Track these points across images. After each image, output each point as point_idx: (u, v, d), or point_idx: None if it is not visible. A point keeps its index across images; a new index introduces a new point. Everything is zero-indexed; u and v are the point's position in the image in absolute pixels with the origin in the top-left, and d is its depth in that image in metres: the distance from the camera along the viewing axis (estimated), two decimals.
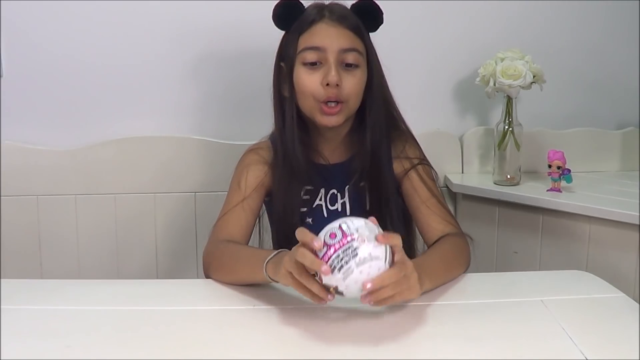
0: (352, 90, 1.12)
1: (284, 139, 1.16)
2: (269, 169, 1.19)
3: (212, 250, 1.10)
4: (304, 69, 1.12)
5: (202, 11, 1.63)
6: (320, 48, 1.11)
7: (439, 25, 1.72)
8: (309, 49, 1.11)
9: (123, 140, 1.64)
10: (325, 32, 1.12)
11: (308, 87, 1.12)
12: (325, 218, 1.17)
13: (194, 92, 1.67)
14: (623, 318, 0.90)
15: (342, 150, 1.21)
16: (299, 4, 1.16)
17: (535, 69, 1.58)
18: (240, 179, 1.19)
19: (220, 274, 1.05)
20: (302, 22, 1.14)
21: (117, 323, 0.89)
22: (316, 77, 1.11)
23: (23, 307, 0.93)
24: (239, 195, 1.17)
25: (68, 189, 1.63)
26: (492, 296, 0.98)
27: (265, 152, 1.21)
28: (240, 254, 1.06)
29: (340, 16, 1.13)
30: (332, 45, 1.10)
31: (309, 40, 1.12)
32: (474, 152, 1.76)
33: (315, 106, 1.12)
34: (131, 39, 1.63)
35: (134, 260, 1.68)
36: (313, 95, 1.11)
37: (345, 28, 1.12)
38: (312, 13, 1.14)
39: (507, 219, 1.60)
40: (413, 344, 0.83)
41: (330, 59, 1.10)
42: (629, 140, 1.80)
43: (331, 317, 0.90)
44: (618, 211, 1.39)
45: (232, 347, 0.81)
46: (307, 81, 1.12)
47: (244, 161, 1.23)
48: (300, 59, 1.13)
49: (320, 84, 1.10)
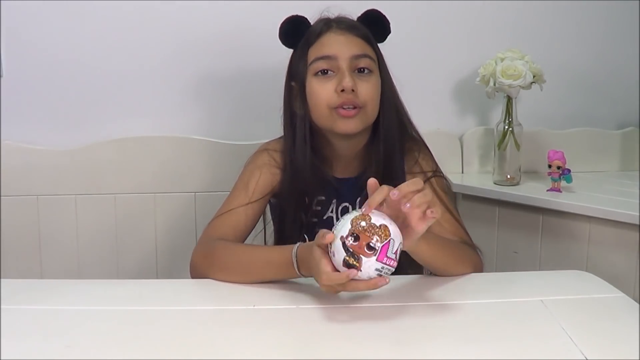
0: (368, 95, 1.10)
1: (295, 157, 1.13)
2: (280, 173, 1.17)
3: (210, 250, 1.07)
4: (316, 79, 1.11)
5: (203, 12, 1.63)
6: (331, 56, 1.09)
7: (439, 25, 1.72)
8: (319, 59, 1.10)
9: (123, 140, 1.64)
10: (335, 41, 1.11)
11: (322, 96, 1.09)
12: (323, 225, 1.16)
13: (195, 92, 1.67)
14: (623, 318, 0.90)
15: (356, 165, 1.19)
16: (305, 21, 1.15)
17: (535, 69, 1.58)
18: (250, 179, 1.16)
19: (225, 274, 1.02)
20: (310, 35, 1.13)
21: (117, 323, 0.88)
22: (330, 85, 1.09)
23: (23, 307, 0.93)
24: (244, 196, 1.14)
25: (68, 189, 1.63)
26: (492, 296, 0.98)
27: (278, 155, 1.18)
28: (254, 254, 1.03)
29: (349, 25, 1.13)
30: (343, 52, 1.09)
31: (319, 51, 1.11)
32: (474, 152, 1.76)
33: (331, 115, 1.10)
34: (132, 38, 1.63)
35: (134, 260, 1.68)
36: (328, 103, 1.09)
37: (354, 35, 1.11)
38: (319, 26, 1.13)
39: (507, 219, 1.60)
40: (413, 344, 0.83)
41: (342, 66, 1.09)
42: (629, 140, 1.80)
43: (331, 317, 0.90)
44: (618, 211, 1.39)
45: (232, 347, 0.81)
46: (320, 90, 1.10)
47: (256, 161, 1.19)
48: (311, 70, 1.11)
49: (334, 92, 1.08)
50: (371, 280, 0.84)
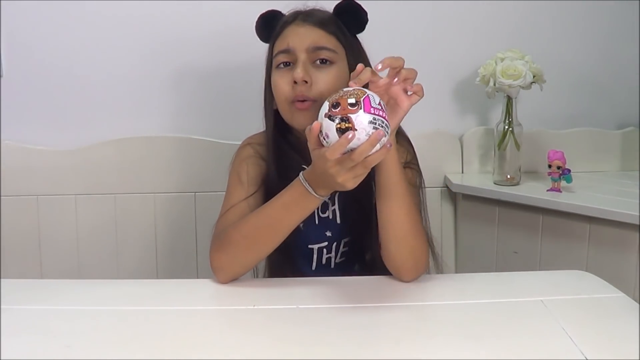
0: (324, 86, 1.07)
1: (272, 149, 1.13)
2: (265, 164, 1.16)
3: (225, 240, 1.04)
4: (277, 72, 1.10)
5: (203, 11, 1.63)
6: (289, 49, 1.08)
7: (439, 25, 1.72)
8: (280, 52, 1.09)
9: (123, 140, 1.64)
10: (294, 32, 1.10)
11: (280, 89, 1.09)
12: (315, 225, 1.15)
13: (194, 92, 1.67)
14: (623, 318, 0.90)
15: None
16: (279, 14, 1.15)
17: (535, 69, 1.58)
18: (241, 172, 1.16)
19: (250, 247, 1.01)
20: (276, 28, 1.13)
21: (117, 323, 0.89)
22: (287, 78, 1.08)
23: (23, 307, 0.93)
24: (241, 189, 1.13)
25: (68, 189, 1.63)
26: (492, 296, 0.98)
27: (261, 148, 1.18)
28: (266, 209, 1.01)
29: (312, 17, 1.11)
30: (300, 44, 1.08)
31: (280, 44, 1.10)
32: (474, 152, 1.76)
33: (290, 108, 1.09)
34: (132, 38, 1.63)
35: (134, 260, 1.68)
36: (285, 97, 1.08)
37: (314, 27, 1.10)
38: (285, 18, 1.13)
39: (507, 219, 1.60)
40: (413, 344, 0.83)
41: (300, 58, 1.07)
42: (629, 140, 1.80)
43: (331, 317, 0.90)
44: (618, 211, 1.39)
45: (232, 347, 0.81)
46: (279, 83, 1.09)
47: (240, 154, 1.19)
48: (274, 63, 1.11)
49: (288, 84, 1.08)
50: (372, 137, 0.82)
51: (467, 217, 1.69)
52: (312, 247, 1.16)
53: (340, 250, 1.17)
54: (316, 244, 1.16)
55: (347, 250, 1.18)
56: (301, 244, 1.15)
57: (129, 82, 1.65)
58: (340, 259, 1.18)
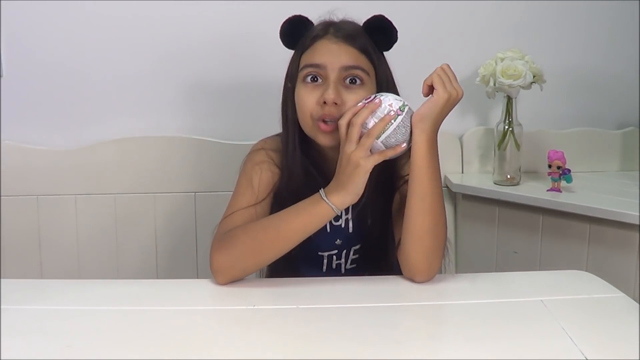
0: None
1: (288, 159, 1.12)
2: (278, 171, 1.14)
3: (229, 239, 1.02)
4: (304, 86, 1.07)
5: (203, 12, 1.63)
6: (320, 65, 1.06)
7: (439, 25, 1.72)
8: (309, 66, 1.07)
9: (123, 140, 1.64)
10: (327, 49, 1.07)
11: (306, 105, 1.06)
12: (327, 233, 1.14)
13: (194, 92, 1.67)
14: (623, 318, 0.90)
15: None
16: (306, 21, 1.12)
17: (535, 69, 1.58)
18: (253, 176, 1.13)
19: (254, 250, 1.01)
20: (306, 39, 1.10)
21: (117, 323, 0.89)
22: (315, 95, 1.05)
23: (23, 307, 0.93)
24: (251, 194, 1.11)
25: (68, 189, 1.63)
26: (492, 296, 0.98)
27: (275, 155, 1.15)
28: (277, 215, 1.03)
29: (345, 33, 1.08)
30: (333, 62, 1.05)
31: (310, 58, 1.07)
32: (474, 152, 1.76)
33: (313, 125, 1.07)
34: (132, 39, 1.63)
35: (134, 261, 1.68)
36: (311, 113, 1.06)
37: (348, 45, 1.07)
38: (317, 30, 1.10)
39: (507, 219, 1.60)
40: (413, 344, 0.83)
41: (330, 76, 1.05)
42: (629, 140, 1.80)
43: (331, 317, 0.90)
44: (618, 211, 1.39)
45: (232, 347, 0.81)
46: (305, 99, 1.06)
47: (254, 158, 1.16)
48: (301, 76, 1.08)
49: (317, 103, 1.05)
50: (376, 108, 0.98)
51: (467, 217, 1.69)
52: (322, 254, 1.17)
53: (350, 257, 1.17)
54: (326, 252, 1.16)
55: (358, 257, 1.18)
56: (311, 251, 1.15)
57: (128, 82, 1.65)
58: (350, 266, 1.18)
